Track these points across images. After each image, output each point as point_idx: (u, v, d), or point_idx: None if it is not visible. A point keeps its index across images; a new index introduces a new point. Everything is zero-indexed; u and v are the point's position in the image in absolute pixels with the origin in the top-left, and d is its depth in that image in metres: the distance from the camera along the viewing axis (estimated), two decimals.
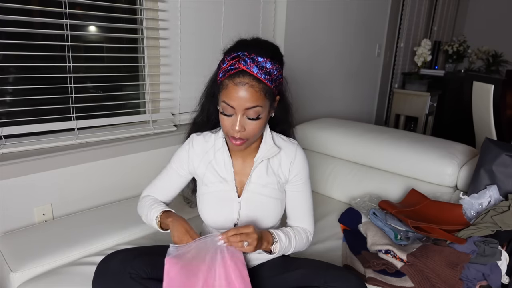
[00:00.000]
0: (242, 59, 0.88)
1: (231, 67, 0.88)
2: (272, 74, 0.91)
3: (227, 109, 0.91)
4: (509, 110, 2.39)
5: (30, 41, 1.36)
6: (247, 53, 0.89)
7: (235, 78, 0.88)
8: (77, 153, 1.45)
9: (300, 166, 1.06)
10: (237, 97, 0.88)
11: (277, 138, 1.07)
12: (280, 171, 1.06)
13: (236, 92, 0.88)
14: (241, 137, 0.93)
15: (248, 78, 0.88)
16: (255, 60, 0.88)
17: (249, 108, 0.89)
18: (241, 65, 0.88)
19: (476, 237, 1.19)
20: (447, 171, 1.52)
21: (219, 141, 1.05)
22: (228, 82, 0.89)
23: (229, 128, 0.93)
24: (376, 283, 1.14)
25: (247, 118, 0.91)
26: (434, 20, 4.22)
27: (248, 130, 0.92)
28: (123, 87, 1.69)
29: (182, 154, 1.09)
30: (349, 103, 2.98)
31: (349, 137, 1.83)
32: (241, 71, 0.88)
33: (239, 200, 1.03)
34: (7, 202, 1.30)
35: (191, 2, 1.71)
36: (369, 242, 1.33)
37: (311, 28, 2.33)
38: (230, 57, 0.90)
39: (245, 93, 0.87)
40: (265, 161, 1.05)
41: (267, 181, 1.05)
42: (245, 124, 0.92)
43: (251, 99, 0.88)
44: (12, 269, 1.10)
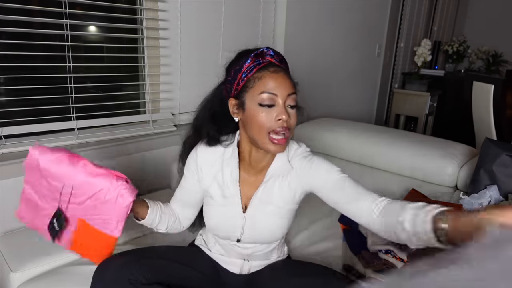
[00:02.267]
0: (267, 53, 0.89)
1: (257, 62, 0.88)
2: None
3: (268, 99, 0.86)
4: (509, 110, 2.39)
5: (30, 41, 1.36)
6: (267, 49, 0.90)
7: (269, 68, 0.87)
8: (78, 153, 1.45)
9: (318, 170, 0.95)
10: (278, 84, 0.86)
11: (291, 148, 0.99)
12: (295, 188, 0.98)
13: (275, 79, 0.87)
14: (288, 126, 0.87)
15: (280, 68, 0.89)
16: (278, 54, 0.90)
17: (290, 94, 0.88)
18: (268, 58, 0.88)
19: None
20: (447, 171, 1.52)
21: (229, 150, 0.99)
22: (262, 73, 0.87)
23: (273, 120, 0.86)
24: None
25: (289, 106, 0.88)
26: (434, 20, 4.22)
27: (291, 120, 0.88)
28: (123, 87, 1.69)
29: (190, 163, 1.02)
30: (349, 103, 2.98)
31: (349, 137, 1.83)
32: (270, 63, 0.88)
33: (244, 216, 0.98)
34: (7, 202, 1.30)
35: (191, 2, 1.71)
36: (369, 242, 1.33)
37: (311, 28, 2.33)
38: (253, 54, 0.88)
39: (284, 80, 0.87)
40: (275, 177, 0.98)
41: (275, 199, 0.98)
42: (289, 113, 0.88)
43: (290, 86, 0.88)
44: (12, 269, 1.10)
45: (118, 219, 0.91)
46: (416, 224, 0.72)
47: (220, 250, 1.06)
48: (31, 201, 0.99)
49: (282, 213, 0.99)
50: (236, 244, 1.01)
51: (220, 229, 1.01)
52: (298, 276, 0.95)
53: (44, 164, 0.91)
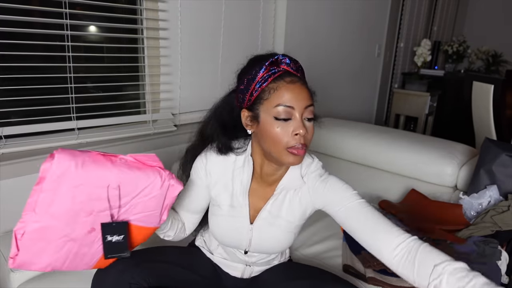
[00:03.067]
0: (282, 61, 0.82)
1: (272, 70, 0.81)
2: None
3: (284, 112, 0.80)
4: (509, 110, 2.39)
5: (31, 41, 1.36)
6: (282, 56, 0.83)
7: (285, 78, 0.81)
8: None
9: (333, 190, 0.90)
10: (294, 95, 0.80)
11: (304, 164, 0.95)
12: (305, 204, 0.95)
13: (292, 90, 0.80)
14: (305, 143, 0.82)
15: (295, 77, 0.82)
16: (294, 61, 0.84)
17: (308, 106, 0.81)
18: (283, 67, 0.82)
19: (476, 237, 1.19)
20: (447, 171, 1.53)
21: (240, 159, 0.94)
22: (277, 84, 0.80)
23: (290, 135, 0.81)
24: (376, 282, 1.14)
25: (306, 119, 0.82)
26: (434, 20, 4.22)
27: (308, 135, 0.82)
28: (123, 87, 1.69)
29: (198, 168, 0.97)
30: (349, 103, 2.99)
31: (349, 137, 1.83)
32: (286, 72, 0.82)
33: (251, 227, 0.95)
34: (7, 202, 1.30)
35: (191, 2, 1.71)
36: None
37: (311, 28, 2.33)
38: (268, 62, 0.82)
39: (301, 91, 0.81)
40: (286, 191, 0.95)
41: (284, 213, 0.95)
42: (306, 127, 0.82)
43: (307, 97, 0.82)
44: (13, 269, 1.10)
45: (164, 210, 0.82)
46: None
47: (223, 253, 1.05)
48: (45, 232, 0.76)
49: (291, 227, 0.96)
50: (242, 253, 1.01)
51: (226, 239, 0.98)
52: (298, 279, 0.95)
53: (81, 167, 0.72)
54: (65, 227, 0.75)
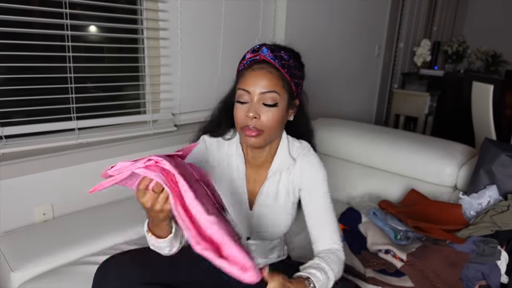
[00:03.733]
0: (262, 50, 0.89)
1: (251, 59, 0.90)
2: (292, 69, 0.91)
3: (243, 96, 0.88)
4: (508, 110, 2.39)
5: (31, 42, 1.36)
6: (268, 46, 0.90)
7: (254, 65, 0.89)
8: (78, 153, 1.45)
9: (314, 175, 0.98)
10: (253, 82, 0.87)
11: (293, 146, 1.01)
12: (294, 183, 1.00)
13: (252, 76, 0.88)
14: (256, 126, 0.87)
15: (266, 65, 0.88)
16: (275, 51, 0.89)
17: (264, 92, 0.87)
18: (261, 55, 0.89)
19: (475, 237, 1.19)
20: (446, 171, 1.53)
21: (232, 147, 1.00)
22: (246, 71, 0.89)
23: (243, 116, 0.88)
24: (376, 282, 1.14)
25: (263, 104, 0.87)
26: (433, 20, 4.22)
27: (263, 119, 0.87)
28: (123, 87, 1.69)
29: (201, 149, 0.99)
30: (349, 103, 2.99)
31: (349, 137, 1.83)
32: (261, 61, 0.89)
33: (251, 213, 0.99)
34: (7, 202, 1.30)
35: (191, 2, 1.71)
36: (369, 242, 1.33)
37: (311, 28, 2.33)
38: (251, 50, 0.91)
39: (263, 77, 0.87)
40: (279, 173, 0.99)
41: (279, 195, 0.99)
42: (261, 112, 0.87)
43: (269, 84, 0.87)
44: (13, 269, 1.10)
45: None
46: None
47: None
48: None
49: (288, 208, 1.00)
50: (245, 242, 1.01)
51: None
52: None
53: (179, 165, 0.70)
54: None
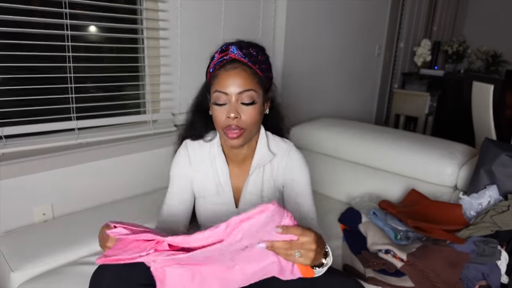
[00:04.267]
0: (231, 49, 0.90)
1: (221, 59, 0.90)
2: (262, 64, 0.92)
3: (220, 98, 0.89)
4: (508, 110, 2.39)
5: (31, 41, 1.36)
6: (236, 44, 0.91)
7: (226, 65, 0.89)
8: (78, 153, 1.45)
9: (295, 170, 1.01)
10: (229, 83, 0.87)
11: (272, 141, 1.03)
12: (276, 177, 1.02)
13: (228, 77, 0.88)
14: (238, 125, 0.89)
15: (239, 64, 0.89)
16: (244, 48, 0.90)
17: (243, 91, 0.88)
18: (231, 55, 0.89)
19: (475, 237, 1.19)
20: (446, 171, 1.53)
21: (214, 148, 1.02)
22: (219, 71, 0.89)
23: (224, 118, 0.89)
24: (376, 282, 1.14)
25: (242, 103, 0.89)
26: (433, 20, 4.22)
27: (244, 118, 0.89)
28: (123, 87, 1.69)
29: (181, 158, 1.03)
30: (349, 103, 2.99)
31: (349, 137, 1.83)
32: (232, 60, 0.89)
33: (237, 211, 1.00)
34: (7, 202, 1.30)
35: (191, 2, 1.71)
36: (369, 242, 1.33)
37: (311, 28, 2.33)
38: (220, 50, 0.92)
39: (238, 77, 0.87)
40: (261, 168, 1.01)
41: (264, 189, 1.02)
42: (241, 111, 0.89)
43: (244, 83, 0.88)
44: (13, 269, 1.10)
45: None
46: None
47: None
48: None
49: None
50: None
51: None
52: None
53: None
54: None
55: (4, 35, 1.30)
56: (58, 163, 1.41)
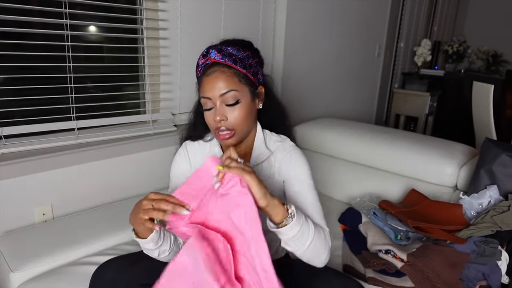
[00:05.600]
0: (210, 53, 0.91)
1: (203, 64, 0.92)
2: (244, 61, 0.91)
3: (206, 103, 0.91)
4: (509, 110, 2.39)
5: (30, 41, 1.36)
6: (216, 47, 0.92)
7: (207, 71, 0.90)
8: (77, 153, 1.45)
9: (295, 167, 0.99)
10: (210, 87, 0.89)
11: (269, 139, 1.03)
12: (275, 173, 1.01)
13: (208, 82, 0.89)
14: (227, 127, 0.90)
15: (218, 66, 0.89)
16: (222, 50, 0.90)
17: (223, 93, 0.88)
18: (211, 59, 0.90)
19: (476, 237, 1.19)
20: (447, 171, 1.52)
21: (214, 147, 1.03)
22: (202, 77, 0.91)
23: (213, 121, 0.91)
24: (376, 283, 1.14)
25: (226, 105, 0.90)
26: (434, 20, 4.22)
27: (230, 119, 0.90)
28: (123, 87, 1.69)
29: (181, 160, 1.04)
30: (349, 103, 2.99)
31: (349, 137, 1.83)
32: (212, 64, 0.90)
33: None
34: (7, 202, 1.30)
35: (191, 2, 1.71)
36: (369, 242, 1.33)
37: (311, 28, 2.33)
38: (201, 55, 0.93)
39: (216, 80, 0.88)
40: (259, 165, 1.00)
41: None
42: (226, 113, 0.90)
43: (225, 85, 0.88)
44: (12, 269, 1.10)
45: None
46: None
47: None
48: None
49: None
50: None
51: None
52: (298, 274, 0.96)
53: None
54: None
55: (4, 35, 1.29)
56: (58, 163, 1.41)
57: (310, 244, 0.82)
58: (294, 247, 0.82)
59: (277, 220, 0.78)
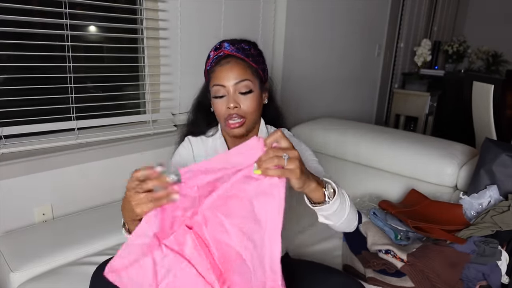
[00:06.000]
0: (224, 46, 0.95)
1: (216, 56, 0.95)
2: (255, 57, 0.96)
3: (219, 91, 0.93)
4: (509, 110, 2.39)
5: (30, 41, 1.36)
6: (229, 41, 0.96)
7: (221, 61, 0.93)
8: (77, 153, 1.45)
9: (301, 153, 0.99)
10: (225, 75, 0.92)
11: (271, 131, 1.06)
12: None
13: (223, 71, 0.92)
14: (238, 113, 0.92)
15: (232, 58, 0.93)
16: (237, 44, 0.95)
17: (238, 82, 0.92)
18: (225, 51, 0.94)
19: (476, 237, 1.19)
20: (447, 171, 1.52)
21: (216, 141, 1.05)
22: (216, 67, 0.94)
23: (224, 109, 0.93)
24: (376, 283, 1.14)
25: (240, 93, 0.92)
26: (434, 20, 4.22)
27: (243, 106, 0.93)
28: (123, 87, 1.69)
29: (185, 152, 1.05)
30: (349, 103, 2.99)
31: (349, 137, 1.83)
32: (226, 55, 0.94)
33: None
34: (7, 202, 1.30)
35: (191, 2, 1.71)
36: (369, 242, 1.33)
37: (311, 28, 2.33)
38: (214, 48, 0.97)
39: (232, 70, 0.92)
40: None
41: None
42: (239, 101, 0.92)
43: (239, 74, 0.92)
44: (12, 269, 1.10)
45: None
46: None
47: None
48: None
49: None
50: None
51: None
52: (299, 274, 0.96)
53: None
54: None
55: (4, 35, 1.29)
56: (58, 163, 1.41)
57: (348, 215, 0.85)
58: (334, 220, 0.84)
59: (317, 201, 0.79)
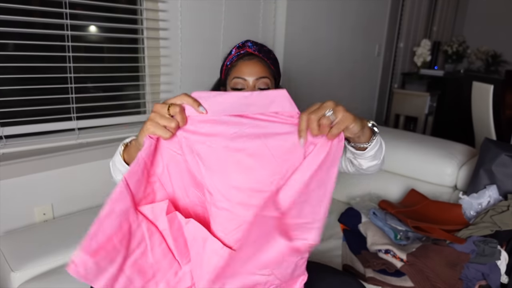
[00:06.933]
0: (248, 44, 0.99)
1: (238, 53, 0.98)
2: (273, 61, 1.00)
3: (239, 83, 0.96)
4: (508, 110, 2.39)
5: (31, 42, 1.36)
6: (252, 41, 1.00)
7: (244, 57, 0.97)
8: (78, 153, 1.45)
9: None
10: (247, 69, 0.96)
11: None
12: None
13: (246, 65, 0.96)
14: None
15: (255, 56, 0.97)
16: (258, 45, 0.99)
17: (259, 78, 0.95)
18: (248, 49, 0.98)
19: (475, 237, 1.19)
20: (446, 171, 1.53)
21: None
22: (237, 62, 0.97)
23: None
24: (376, 282, 1.14)
25: (259, 89, 0.96)
26: (433, 20, 4.22)
27: None
28: (123, 87, 1.69)
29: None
30: (349, 103, 2.97)
31: None
32: (249, 53, 0.98)
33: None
34: (7, 202, 1.30)
35: (191, 2, 1.71)
36: (369, 242, 1.33)
37: (311, 28, 2.33)
38: (237, 46, 1.00)
39: (254, 65, 0.96)
40: None
41: None
42: None
43: (260, 70, 0.96)
44: (13, 269, 1.10)
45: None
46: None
47: None
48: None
49: None
50: None
51: None
52: None
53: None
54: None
55: (5, 35, 1.30)
56: (58, 163, 1.41)
57: (383, 151, 0.90)
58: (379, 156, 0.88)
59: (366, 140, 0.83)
